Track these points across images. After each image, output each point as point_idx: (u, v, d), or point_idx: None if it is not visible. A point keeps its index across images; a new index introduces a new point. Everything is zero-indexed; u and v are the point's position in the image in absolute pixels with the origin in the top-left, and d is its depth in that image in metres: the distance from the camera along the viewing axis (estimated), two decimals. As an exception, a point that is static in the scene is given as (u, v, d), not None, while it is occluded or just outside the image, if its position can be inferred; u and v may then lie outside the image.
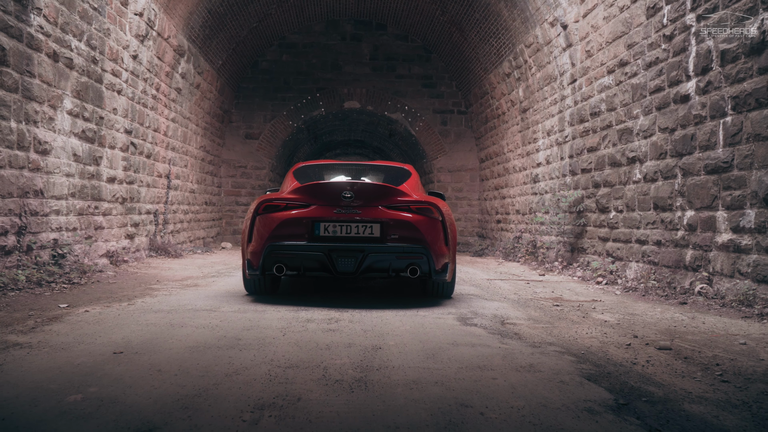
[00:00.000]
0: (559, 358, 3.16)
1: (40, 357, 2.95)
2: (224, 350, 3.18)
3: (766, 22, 5.12)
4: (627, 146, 7.72)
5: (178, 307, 4.72)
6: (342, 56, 16.55)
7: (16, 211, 5.96)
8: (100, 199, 8.06)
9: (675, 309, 5.03)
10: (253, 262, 5.14)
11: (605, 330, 4.03)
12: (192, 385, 2.50)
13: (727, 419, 2.24)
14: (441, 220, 5.20)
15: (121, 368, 2.74)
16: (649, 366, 3.03)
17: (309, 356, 3.06)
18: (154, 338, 3.46)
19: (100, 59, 7.88)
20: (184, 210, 12.33)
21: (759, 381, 2.75)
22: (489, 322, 4.31)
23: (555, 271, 8.86)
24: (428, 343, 3.49)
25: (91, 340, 3.39)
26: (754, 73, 5.31)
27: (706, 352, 3.35)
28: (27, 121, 6.15)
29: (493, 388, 2.58)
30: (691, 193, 6.25)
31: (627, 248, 7.68)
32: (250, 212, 5.33)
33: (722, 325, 4.27)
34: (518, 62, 12.06)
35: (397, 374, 2.75)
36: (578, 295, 6.10)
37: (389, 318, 4.32)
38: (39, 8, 6.28)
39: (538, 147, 11.29)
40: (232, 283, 6.73)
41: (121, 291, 5.76)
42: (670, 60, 6.68)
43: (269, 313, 4.50)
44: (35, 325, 3.81)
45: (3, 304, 4.65)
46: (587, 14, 8.98)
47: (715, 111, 5.88)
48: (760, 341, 3.65)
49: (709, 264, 5.89)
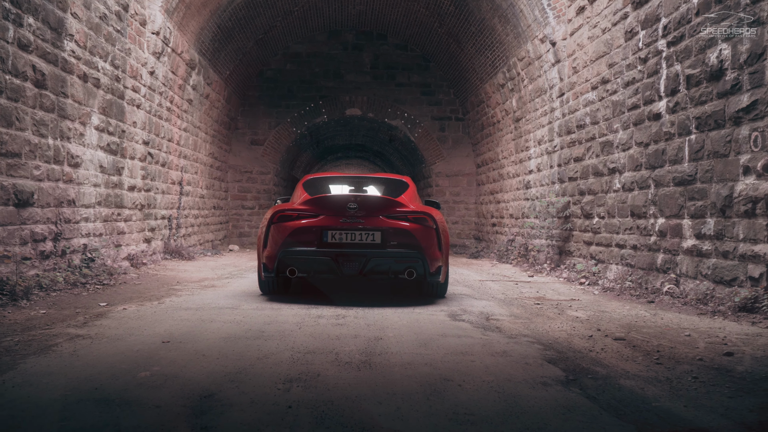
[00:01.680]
0: (529, 346, 3.79)
1: (103, 345, 3.59)
2: (252, 340, 3.81)
3: (723, 52, 5.75)
4: (608, 158, 8.35)
5: (204, 306, 5.36)
6: (344, 65, 17.20)
7: (52, 219, 6.60)
8: (122, 206, 8.70)
9: (642, 307, 5.66)
10: (269, 265, 5.78)
11: (575, 324, 4.66)
12: (232, 366, 3.14)
13: (649, 390, 2.87)
14: (435, 228, 5.84)
15: (172, 354, 3.37)
16: (602, 352, 3.66)
17: (322, 344, 3.70)
18: (191, 331, 4.10)
19: (122, 77, 8.52)
20: (195, 214, 12.98)
21: (686, 363, 3.39)
22: (475, 318, 4.95)
23: (544, 273, 9.49)
24: (421, 334, 4.12)
25: (139, 332, 4.03)
26: (713, 97, 5.94)
27: (654, 342, 3.98)
28: (61, 137, 6.78)
29: (471, 368, 3.21)
30: (662, 202, 6.88)
31: (608, 251, 8.31)
32: (265, 221, 5.97)
33: (678, 320, 4.90)
34: (511, 74, 12.70)
35: (395, 358, 3.38)
36: (560, 294, 6.74)
37: (389, 314, 4.96)
38: (71, 34, 6.91)
39: (530, 155, 11.93)
40: (245, 284, 7.36)
41: (148, 291, 6.40)
42: (645, 80, 7.31)
43: (285, 310, 5.14)
44: (86, 321, 4.45)
45: (50, 303, 5.29)
46: (574, 33, 9.62)
47: (682, 129, 6.51)
48: (702, 333, 4.28)
49: (676, 266, 6.52)
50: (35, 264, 6.17)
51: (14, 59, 5.76)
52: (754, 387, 2.92)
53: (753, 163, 5.38)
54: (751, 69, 5.42)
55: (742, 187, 5.52)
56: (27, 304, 5.14)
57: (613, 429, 2.36)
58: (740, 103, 5.55)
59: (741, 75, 5.58)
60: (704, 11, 6.12)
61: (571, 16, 9.69)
